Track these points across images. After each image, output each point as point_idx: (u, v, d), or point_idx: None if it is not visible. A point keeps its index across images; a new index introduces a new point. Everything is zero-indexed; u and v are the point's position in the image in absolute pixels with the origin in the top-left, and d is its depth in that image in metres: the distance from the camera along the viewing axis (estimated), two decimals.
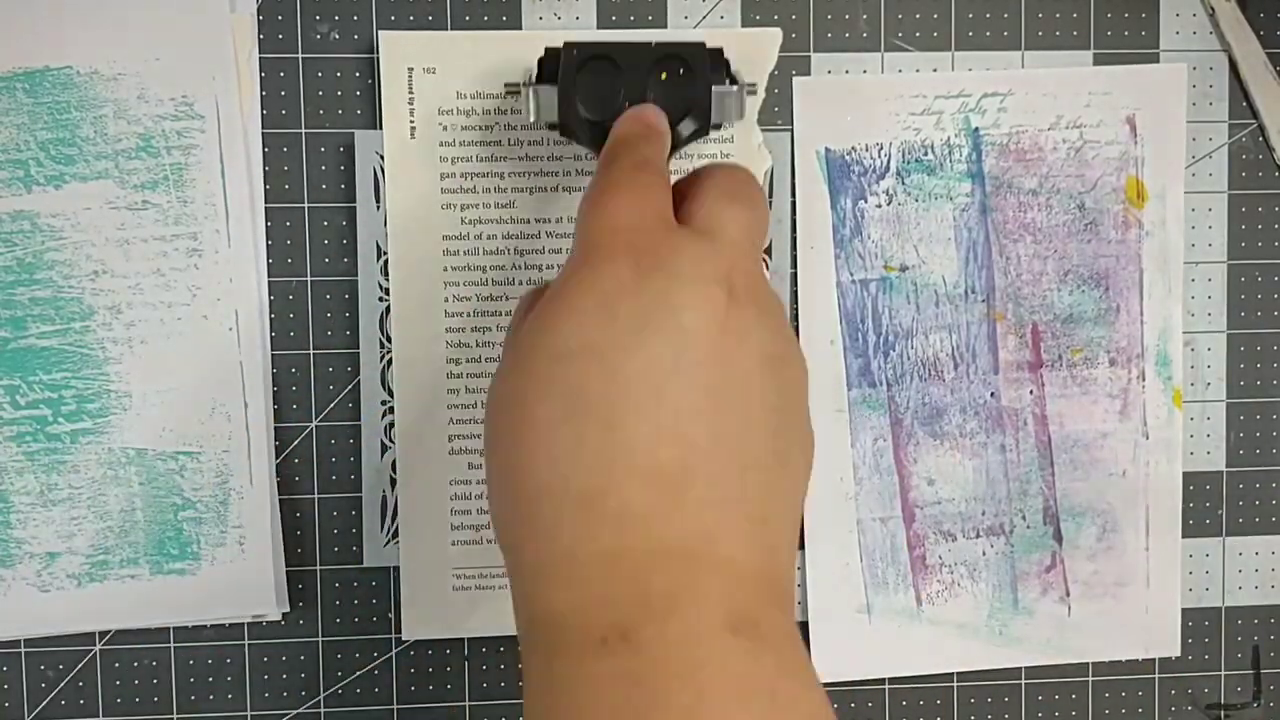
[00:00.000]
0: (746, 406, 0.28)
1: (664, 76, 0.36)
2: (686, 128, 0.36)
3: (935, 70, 0.44)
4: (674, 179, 0.33)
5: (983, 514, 0.45)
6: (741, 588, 0.27)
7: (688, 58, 0.37)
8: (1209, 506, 0.46)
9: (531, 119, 0.37)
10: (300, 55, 0.43)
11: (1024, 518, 0.45)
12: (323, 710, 0.44)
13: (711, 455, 0.28)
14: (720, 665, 0.26)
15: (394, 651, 0.44)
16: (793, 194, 0.44)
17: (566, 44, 0.37)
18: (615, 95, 0.36)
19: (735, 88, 0.37)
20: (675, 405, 0.27)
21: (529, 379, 0.29)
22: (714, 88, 0.36)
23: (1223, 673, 0.47)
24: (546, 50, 0.38)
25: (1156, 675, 0.46)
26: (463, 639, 0.44)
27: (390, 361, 0.43)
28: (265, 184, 0.43)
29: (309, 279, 0.43)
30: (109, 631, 0.43)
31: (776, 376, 0.29)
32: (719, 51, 0.37)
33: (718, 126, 0.37)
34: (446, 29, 0.43)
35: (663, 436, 0.27)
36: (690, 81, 0.36)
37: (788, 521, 0.30)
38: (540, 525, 0.28)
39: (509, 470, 0.29)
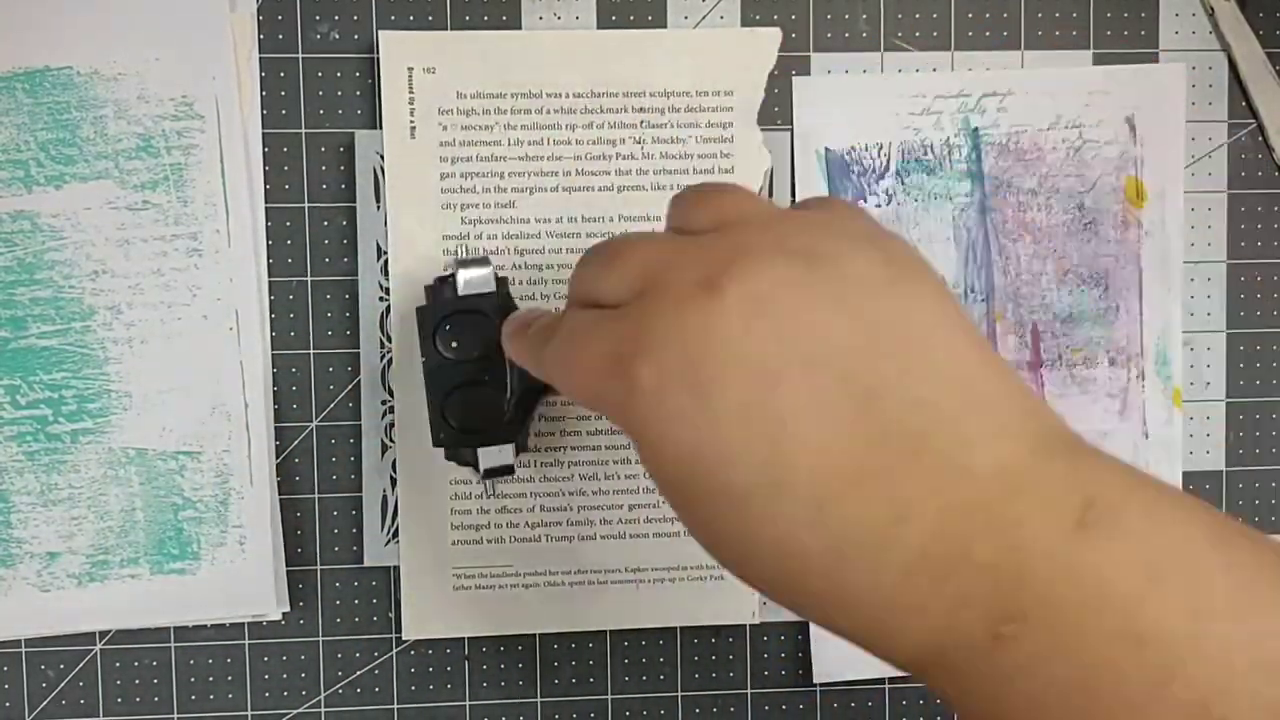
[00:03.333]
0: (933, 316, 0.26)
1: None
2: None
3: (935, 70, 0.44)
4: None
5: None
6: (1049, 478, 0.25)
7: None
8: None
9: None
10: (300, 55, 0.43)
11: None
12: (323, 710, 0.44)
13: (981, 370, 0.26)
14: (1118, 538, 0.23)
15: (394, 651, 0.44)
16: (792, 194, 0.44)
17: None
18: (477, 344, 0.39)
19: None
20: (947, 348, 0.26)
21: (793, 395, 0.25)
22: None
23: None
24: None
25: None
26: (463, 639, 0.44)
27: (390, 361, 0.43)
28: (265, 184, 0.43)
29: (309, 279, 0.43)
30: (109, 631, 0.43)
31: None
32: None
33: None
34: (446, 29, 0.43)
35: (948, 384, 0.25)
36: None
37: (992, 361, 0.27)
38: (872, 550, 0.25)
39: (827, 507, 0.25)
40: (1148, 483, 0.25)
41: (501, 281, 0.40)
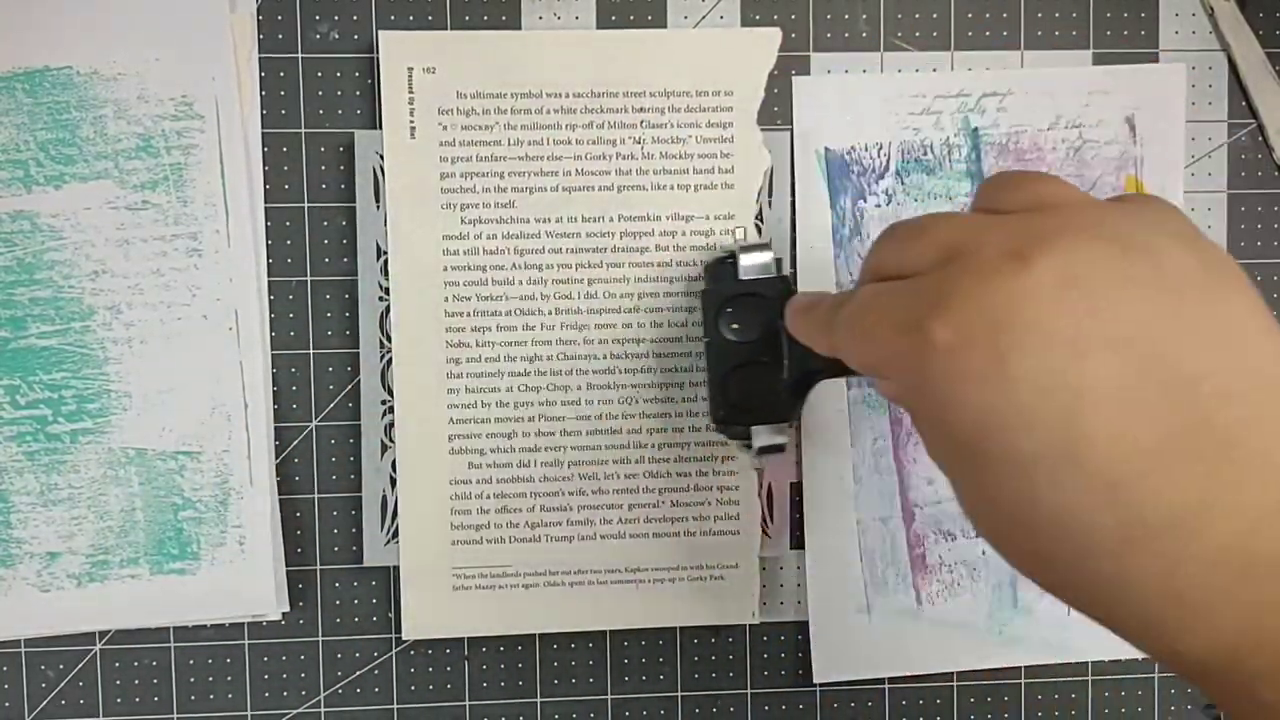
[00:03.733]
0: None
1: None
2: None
3: (934, 70, 0.44)
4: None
5: None
6: None
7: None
8: None
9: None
10: (300, 55, 0.43)
11: None
12: (323, 710, 0.44)
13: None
14: None
15: (394, 651, 0.44)
16: (792, 194, 0.44)
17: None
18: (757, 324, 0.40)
19: None
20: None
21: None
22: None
23: None
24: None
25: (1156, 675, 0.46)
26: (463, 639, 0.44)
27: (390, 361, 0.43)
28: (265, 184, 0.43)
29: (309, 279, 0.43)
30: (109, 631, 0.43)
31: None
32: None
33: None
34: (446, 29, 0.43)
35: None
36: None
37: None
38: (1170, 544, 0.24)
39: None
40: None
41: (779, 264, 0.41)
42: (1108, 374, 0.24)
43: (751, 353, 0.40)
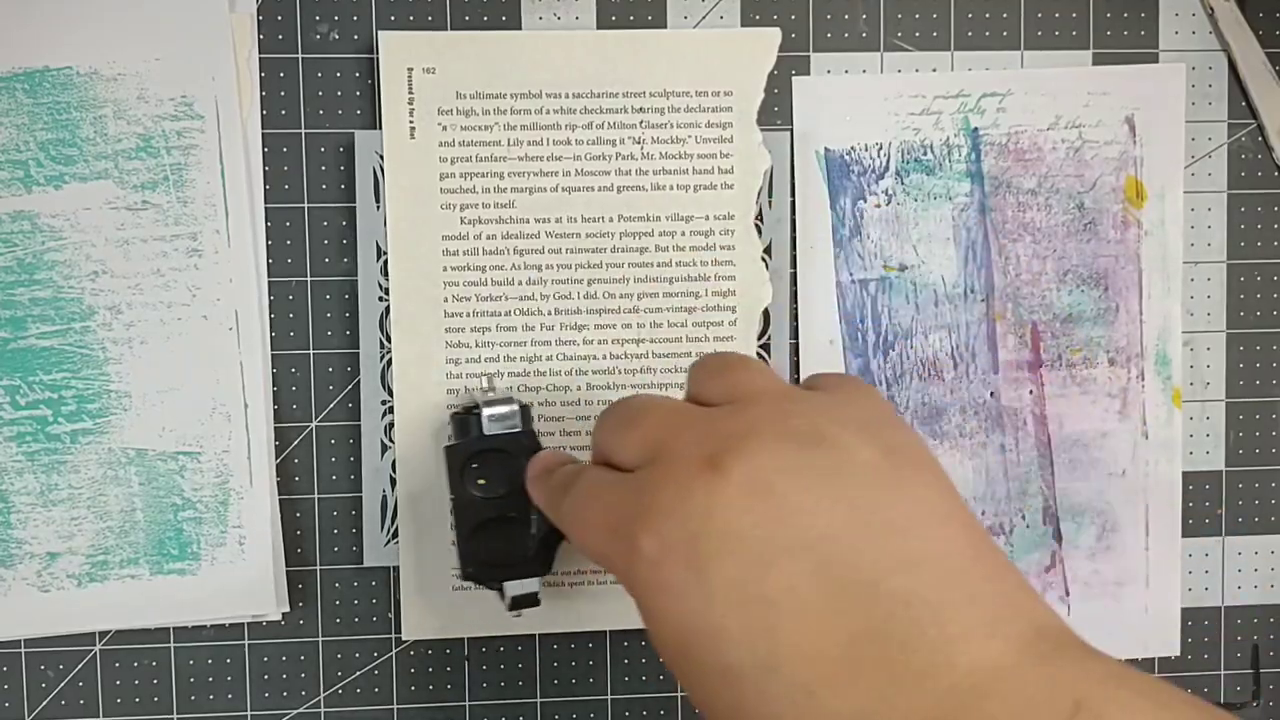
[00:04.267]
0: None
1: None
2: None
3: (934, 70, 0.44)
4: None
5: (982, 513, 0.45)
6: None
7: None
8: (1208, 506, 0.46)
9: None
10: (300, 55, 0.43)
11: (1024, 517, 0.45)
12: (323, 710, 0.44)
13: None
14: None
15: (394, 651, 0.44)
16: (792, 194, 0.44)
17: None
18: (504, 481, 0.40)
19: None
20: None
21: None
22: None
23: (1222, 672, 0.47)
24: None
25: (1156, 675, 0.46)
26: (463, 639, 0.44)
27: (390, 361, 0.43)
28: (265, 184, 0.43)
29: (309, 279, 0.43)
30: (109, 631, 0.43)
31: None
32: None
33: None
34: (446, 29, 0.43)
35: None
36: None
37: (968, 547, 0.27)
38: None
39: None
40: (1138, 683, 0.25)
41: (526, 414, 0.40)
42: (795, 582, 0.25)
43: (499, 508, 0.39)
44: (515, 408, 0.40)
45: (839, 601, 0.25)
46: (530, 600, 0.40)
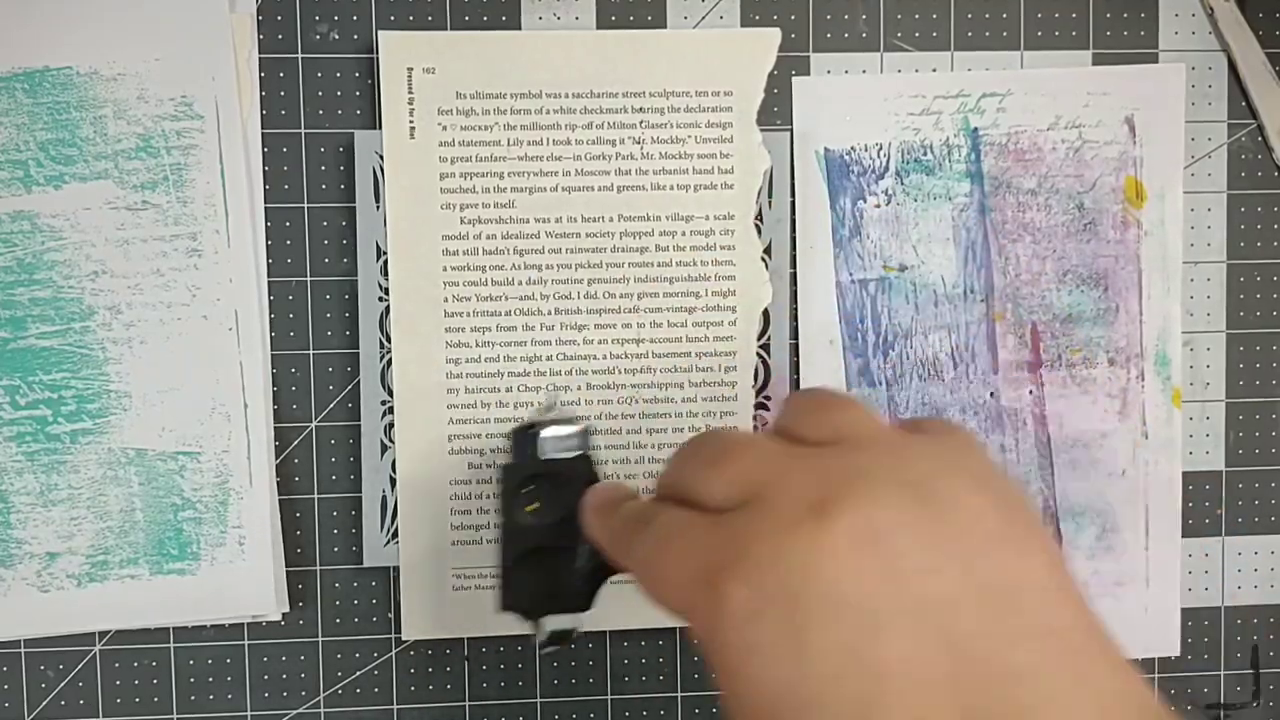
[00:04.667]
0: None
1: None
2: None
3: (934, 70, 0.44)
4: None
5: None
6: None
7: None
8: (1208, 506, 0.46)
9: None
10: (300, 55, 0.43)
11: None
12: (323, 710, 0.44)
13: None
14: None
15: (394, 651, 0.44)
16: (792, 194, 0.44)
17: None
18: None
19: None
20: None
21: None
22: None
23: (1222, 672, 0.47)
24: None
25: (1156, 675, 0.46)
26: (463, 639, 0.44)
27: (390, 361, 0.43)
28: (265, 184, 0.43)
29: (309, 279, 0.43)
30: (109, 631, 0.43)
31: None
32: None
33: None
34: (446, 29, 0.43)
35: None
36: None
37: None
38: None
39: None
40: None
41: (585, 436, 0.38)
42: (904, 652, 0.23)
43: (547, 536, 0.37)
44: (576, 429, 0.38)
45: (949, 675, 0.23)
46: (566, 637, 0.37)
